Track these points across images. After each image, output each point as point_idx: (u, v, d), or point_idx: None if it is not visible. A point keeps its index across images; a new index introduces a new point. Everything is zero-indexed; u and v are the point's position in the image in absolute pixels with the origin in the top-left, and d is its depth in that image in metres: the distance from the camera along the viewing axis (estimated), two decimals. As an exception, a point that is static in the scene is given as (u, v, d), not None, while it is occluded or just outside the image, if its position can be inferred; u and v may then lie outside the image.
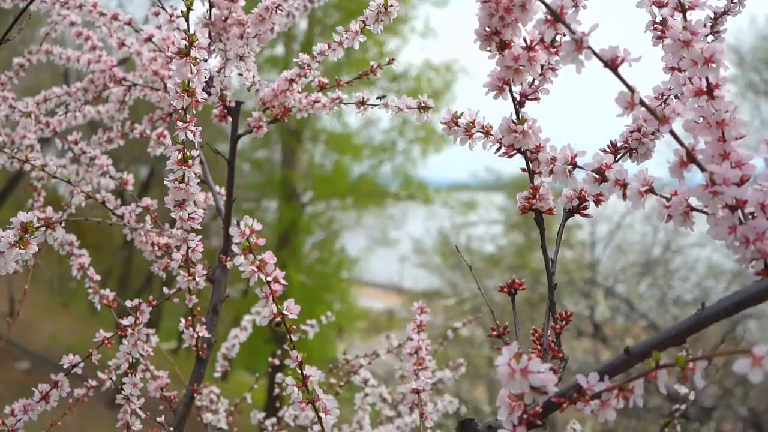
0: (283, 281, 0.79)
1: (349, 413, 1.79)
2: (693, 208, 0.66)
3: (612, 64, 0.61)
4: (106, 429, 1.17)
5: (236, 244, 0.76)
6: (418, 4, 9.93)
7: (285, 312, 0.80)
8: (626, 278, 7.36)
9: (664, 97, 0.84)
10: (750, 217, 0.64)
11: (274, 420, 1.62)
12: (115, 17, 1.31)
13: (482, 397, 6.99)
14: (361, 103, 1.16)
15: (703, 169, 0.62)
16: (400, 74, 10.03)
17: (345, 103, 1.19)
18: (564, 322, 0.77)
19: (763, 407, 5.68)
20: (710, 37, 0.87)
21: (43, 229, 0.84)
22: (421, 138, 10.13)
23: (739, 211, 0.64)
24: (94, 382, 1.30)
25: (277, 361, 1.78)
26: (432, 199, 10.46)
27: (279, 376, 1.43)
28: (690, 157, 0.63)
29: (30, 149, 1.43)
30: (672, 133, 0.63)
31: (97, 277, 1.28)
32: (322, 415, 0.82)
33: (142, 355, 1.09)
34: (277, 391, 1.61)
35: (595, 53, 0.62)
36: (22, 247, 0.82)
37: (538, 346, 0.79)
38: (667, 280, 7.18)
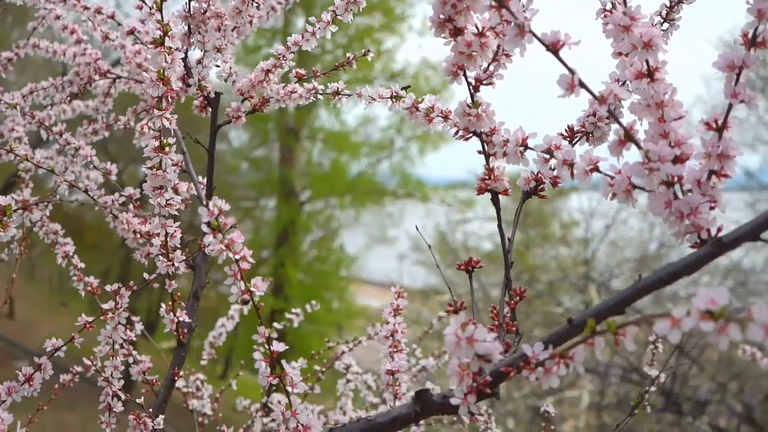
0: (251, 259, 0.81)
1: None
2: (635, 186, 0.70)
3: (553, 47, 0.65)
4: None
5: (205, 223, 0.79)
6: (416, 2, 9.98)
7: (253, 289, 0.83)
8: (621, 274, 7.39)
9: (620, 83, 0.87)
10: (688, 193, 0.68)
11: (258, 405, 1.65)
12: (98, 11, 1.34)
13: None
14: (336, 93, 1.19)
15: (640, 147, 0.66)
16: (398, 72, 10.08)
17: (321, 94, 1.22)
18: (518, 298, 0.81)
19: (757, 402, 5.70)
20: (665, 25, 0.90)
21: (20, 211, 0.87)
22: (418, 136, 10.18)
23: (678, 187, 0.67)
24: (79, 368, 1.33)
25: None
26: (430, 197, 10.51)
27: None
28: (628, 136, 0.66)
29: (18, 141, 1.46)
30: (610, 113, 0.66)
31: (82, 265, 1.31)
32: (289, 388, 0.85)
33: (124, 340, 1.13)
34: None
35: (537, 37, 0.65)
36: (1, 230, 0.85)
37: (496, 322, 0.82)
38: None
